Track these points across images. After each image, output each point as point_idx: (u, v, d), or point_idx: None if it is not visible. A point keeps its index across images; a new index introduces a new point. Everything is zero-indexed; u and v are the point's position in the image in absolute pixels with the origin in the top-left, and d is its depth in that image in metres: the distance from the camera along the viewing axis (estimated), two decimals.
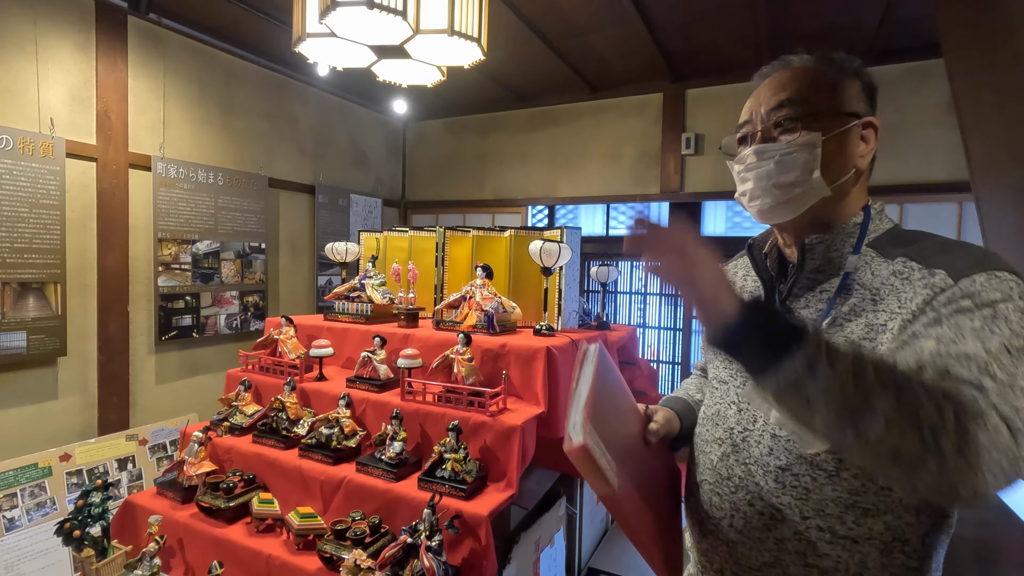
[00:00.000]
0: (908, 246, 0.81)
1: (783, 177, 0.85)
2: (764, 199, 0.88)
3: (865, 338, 0.77)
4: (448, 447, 1.56)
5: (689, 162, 3.96)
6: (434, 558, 1.32)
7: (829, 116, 0.84)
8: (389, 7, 1.59)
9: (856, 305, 0.80)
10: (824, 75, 0.87)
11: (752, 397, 0.71)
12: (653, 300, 4.61)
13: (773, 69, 0.91)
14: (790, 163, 0.85)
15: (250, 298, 3.59)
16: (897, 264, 0.79)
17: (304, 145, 4.06)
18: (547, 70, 3.78)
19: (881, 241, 0.84)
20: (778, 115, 0.86)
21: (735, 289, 0.67)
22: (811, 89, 0.86)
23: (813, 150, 0.84)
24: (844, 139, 0.84)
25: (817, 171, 0.83)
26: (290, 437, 1.81)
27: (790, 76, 0.88)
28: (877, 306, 0.78)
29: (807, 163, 0.84)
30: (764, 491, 0.84)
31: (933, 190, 3.24)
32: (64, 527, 1.57)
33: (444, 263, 2.33)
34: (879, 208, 0.89)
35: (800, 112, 0.85)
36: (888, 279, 0.79)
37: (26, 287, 2.52)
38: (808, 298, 0.87)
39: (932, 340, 0.68)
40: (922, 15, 2.80)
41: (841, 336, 0.80)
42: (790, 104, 0.86)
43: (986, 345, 0.64)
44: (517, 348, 1.80)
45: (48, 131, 2.58)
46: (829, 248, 0.87)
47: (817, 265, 0.88)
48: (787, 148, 0.85)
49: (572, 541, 2.37)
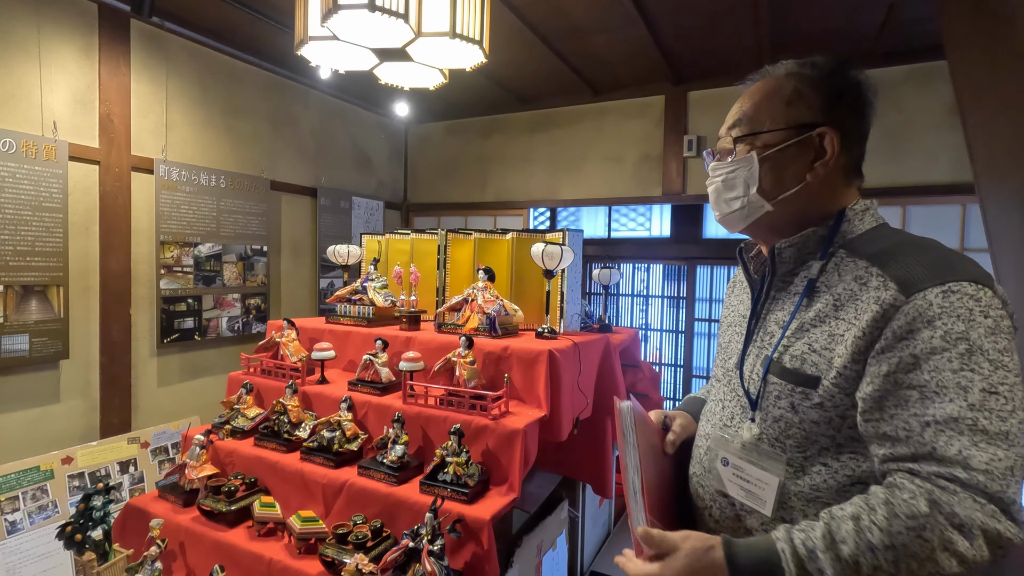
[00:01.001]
0: (877, 246, 0.83)
1: (728, 194, 0.93)
2: (716, 211, 0.97)
3: (827, 348, 0.80)
4: (450, 450, 1.55)
5: (691, 164, 3.96)
6: (436, 562, 1.32)
7: (771, 133, 0.88)
8: (391, 10, 1.59)
9: (820, 311, 0.83)
10: (782, 88, 0.89)
11: None
12: (655, 302, 4.60)
13: (754, 79, 0.95)
14: (731, 181, 0.92)
15: (252, 301, 3.59)
16: (860, 268, 0.81)
17: (306, 148, 4.07)
18: (549, 72, 3.79)
19: (856, 242, 0.85)
20: (731, 133, 0.92)
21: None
22: (761, 105, 0.90)
23: (750, 168, 0.89)
24: (787, 154, 0.87)
25: (754, 187, 0.89)
26: (292, 440, 1.81)
27: (753, 90, 0.92)
28: (838, 312, 0.81)
29: (745, 180, 0.90)
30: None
31: (936, 192, 3.23)
32: (65, 530, 1.56)
33: (446, 266, 2.33)
34: (861, 208, 0.89)
35: (746, 131, 0.90)
36: (850, 284, 0.81)
37: (29, 290, 2.52)
38: (783, 300, 0.91)
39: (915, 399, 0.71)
40: (925, 17, 2.80)
41: (805, 344, 0.83)
42: (739, 124, 0.91)
43: (969, 398, 0.68)
44: (519, 351, 1.80)
45: (51, 134, 2.59)
46: (800, 251, 0.90)
47: (789, 268, 0.91)
48: (729, 167, 0.92)
49: (574, 544, 2.36)
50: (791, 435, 0.83)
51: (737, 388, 0.94)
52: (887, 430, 0.73)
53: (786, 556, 0.70)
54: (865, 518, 0.69)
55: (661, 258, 4.48)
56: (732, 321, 1.06)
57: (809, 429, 0.82)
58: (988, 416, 0.67)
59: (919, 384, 0.71)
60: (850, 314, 0.78)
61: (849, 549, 0.68)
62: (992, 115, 1.90)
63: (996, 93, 1.85)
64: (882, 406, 0.74)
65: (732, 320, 1.06)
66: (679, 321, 4.44)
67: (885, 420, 0.74)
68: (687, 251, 4.30)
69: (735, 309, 1.07)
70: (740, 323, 1.01)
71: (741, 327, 1.00)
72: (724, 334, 1.08)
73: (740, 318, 1.03)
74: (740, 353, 0.96)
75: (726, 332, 1.08)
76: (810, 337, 0.83)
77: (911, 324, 0.72)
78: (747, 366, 0.93)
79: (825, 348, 0.80)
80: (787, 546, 0.71)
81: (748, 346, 0.95)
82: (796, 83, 0.88)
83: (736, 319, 1.04)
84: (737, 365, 0.96)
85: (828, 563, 0.68)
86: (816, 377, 0.80)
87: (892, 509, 0.68)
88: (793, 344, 0.85)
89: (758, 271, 0.98)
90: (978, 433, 0.67)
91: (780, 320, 0.89)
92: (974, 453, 0.67)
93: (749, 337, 0.95)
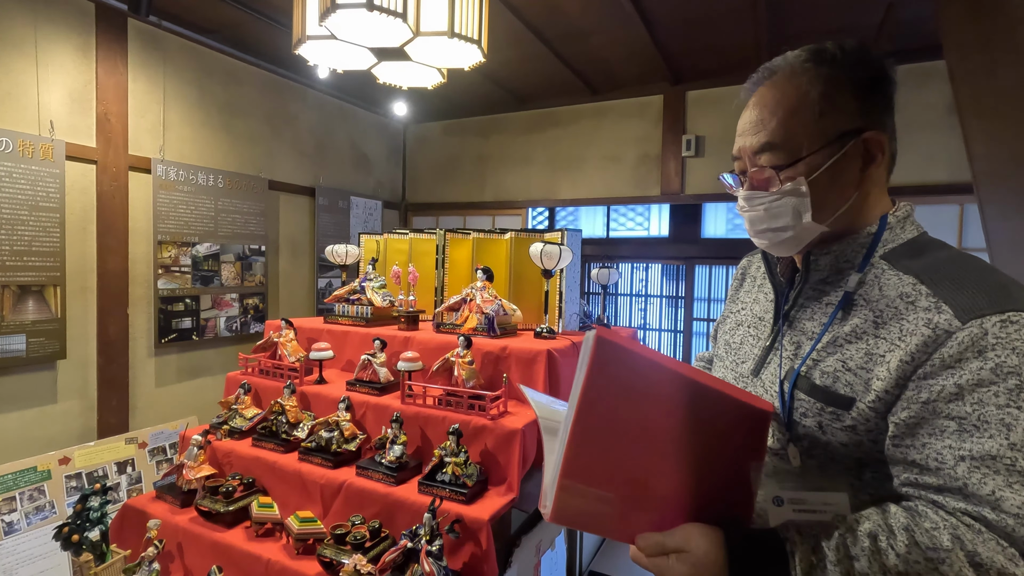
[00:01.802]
0: (923, 261, 0.76)
1: (773, 223, 0.82)
2: (760, 240, 0.86)
3: (863, 367, 0.74)
4: (448, 451, 1.55)
5: (690, 164, 3.96)
6: (435, 563, 1.31)
7: (813, 151, 0.78)
8: (389, 9, 1.59)
9: (858, 327, 0.77)
10: (806, 97, 0.78)
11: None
12: (654, 302, 4.60)
13: (759, 79, 0.85)
14: (778, 210, 0.81)
15: (250, 301, 3.58)
16: (906, 284, 0.74)
17: (304, 147, 4.06)
18: (547, 72, 3.78)
19: (897, 252, 0.79)
20: (761, 159, 0.81)
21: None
22: (789, 124, 0.78)
23: (799, 195, 0.79)
24: (836, 170, 0.78)
25: (807, 215, 0.79)
26: (290, 440, 1.80)
27: (771, 101, 0.81)
28: (879, 330, 0.74)
29: (795, 208, 0.80)
30: None
31: (934, 192, 3.24)
32: (63, 531, 1.56)
33: (444, 265, 2.33)
34: (902, 215, 0.82)
35: (782, 158, 0.79)
36: (894, 301, 0.75)
37: (26, 290, 2.51)
38: (814, 309, 0.84)
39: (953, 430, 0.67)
40: (923, 16, 2.80)
41: (839, 360, 0.77)
42: (771, 149, 0.79)
43: (1011, 436, 0.63)
44: (518, 351, 1.79)
45: (48, 134, 2.58)
46: (838, 259, 0.83)
47: (824, 276, 0.84)
48: (772, 196, 0.81)
49: (573, 545, 2.36)
50: (814, 455, 0.79)
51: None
52: (916, 458, 0.69)
53: (795, 560, 0.67)
54: (883, 540, 0.65)
55: (660, 258, 4.48)
56: (745, 321, 0.98)
57: (835, 450, 0.77)
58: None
59: (959, 415, 0.67)
60: (894, 334, 0.72)
61: (861, 567, 0.65)
62: (990, 115, 1.90)
63: (994, 93, 1.85)
64: (915, 433, 0.70)
65: (745, 320, 0.98)
66: (678, 321, 4.45)
67: (916, 448, 0.69)
68: (686, 251, 4.31)
69: (748, 307, 1.00)
70: (757, 325, 0.94)
71: (758, 329, 0.93)
72: (734, 332, 1.00)
73: (756, 319, 0.95)
74: (758, 359, 0.90)
75: (736, 331, 0.99)
76: (844, 353, 0.77)
77: (962, 353, 0.67)
78: (767, 375, 0.86)
79: (861, 368, 0.74)
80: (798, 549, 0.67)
81: (769, 353, 0.88)
82: (822, 87, 0.78)
83: (751, 319, 0.97)
84: (753, 371, 0.89)
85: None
86: (850, 398, 0.74)
87: (913, 537, 0.64)
88: (824, 359, 0.78)
89: (784, 273, 0.91)
90: (1015, 474, 0.63)
91: (810, 331, 0.82)
92: (1007, 495, 0.63)
93: (771, 344, 0.88)
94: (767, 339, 0.91)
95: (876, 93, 0.79)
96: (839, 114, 0.78)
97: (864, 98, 0.78)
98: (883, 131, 0.79)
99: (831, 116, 0.77)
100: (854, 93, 0.78)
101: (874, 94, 0.79)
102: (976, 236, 3.09)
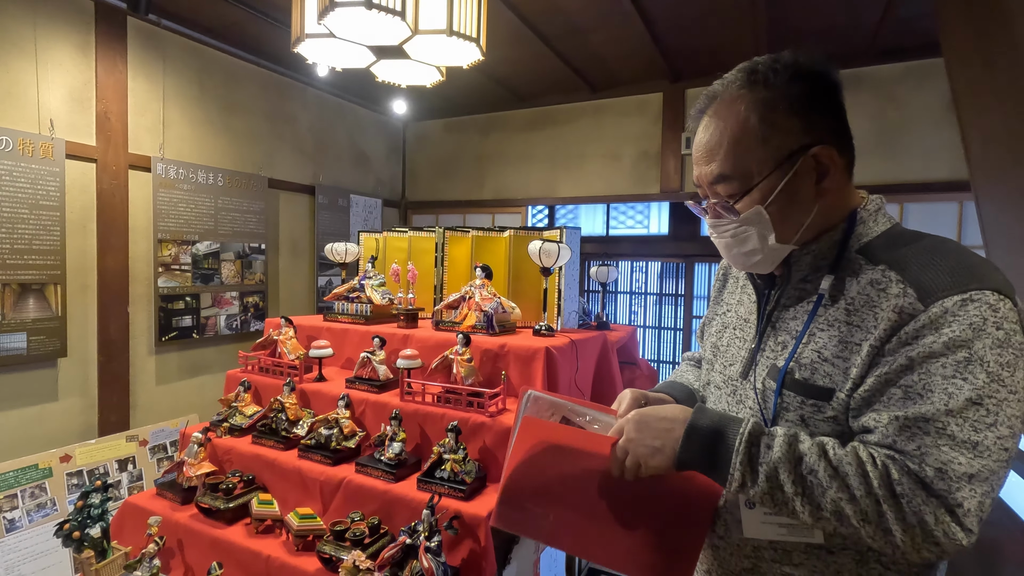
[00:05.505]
0: (896, 251, 0.77)
1: (742, 248, 0.84)
2: (735, 263, 0.90)
3: (839, 356, 0.76)
4: (447, 448, 1.56)
5: (689, 162, 3.96)
6: (433, 559, 1.32)
7: (764, 176, 0.78)
8: (387, 7, 1.59)
9: (831, 316, 0.79)
10: (746, 125, 0.78)
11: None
12: (653, 300, 4.61)
13: (703, 107, 0.85)
14: (743, 236, 0.83)
15: (250, 299, 3.59)
16: (877, 272, 0.76)
17: (304, 146, 4.06)
18: (546, 70, 3.78)
19: (872, 246, 0.80)
20: (717, 189, 0.83)
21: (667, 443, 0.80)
22: (736, 154, 0.79)
23: (760, 220, 0.80)
24: (791, 189, 0.78)
25: (771, 236, 0.81)
26: (289, 438, 1.81)
27: (716, 131, 0.81)
28: (851, 317, 0.76)
29: (760, 232, 0.81)
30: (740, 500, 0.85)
31: (933, 189, 3.23)
32: (64, 528, 1.57)
33: (443, 263, 2.33)
34: (873, 208, 0.83)
35: (736, 187, 0.80)
36: (864, 287, 0.76)
37: (26, 288, 2.52)
38: (796, 309, 0.85)
39: (899, 398, 0.70)
40: (922, 14, 2.80)
41: (813, 351, 0.79)
42: (724, 180, 0.81)
43: (950, 404, 0.66)
44: (516, 348, 1.80)
45: (48, 132, 2.59)
46: (816, 258, 0.83)
47: (804, 275, 0.85)
48: (735, 224, 0.83)
49: None
50: None
51: (745, 401, 0.88)
52: (863, 422, 0.72)
53: (746, 426, 0.76)
54: (829, 444, 0.72)
55: (659, 255, 4.49)
56: (731, 323, 0.99)
57: None
58: (961, 424, 0.65)
59: (907, 384, 0.69)
60: (868, 322, 0.74)
61: (804, 448, 0.72)
62: (988, 112, 1.90)
63: (992, 90, 1.85)
64: (869, 404, 0.73)
65: (731, 322, 0.99)
66: (677, 318, 4.45)
67: (865, 416, 0.72)
68: (685, 248, 4.31)
69: (732, 309, 1.00)
70: (742, 327, 0.95)
71: (744, 331, 0.94)
72: (720, 335, 1.00)
73: (741, 321, 0.96)
74: (745, 361, 0.90)
75: (723, 334, 0.99)
76: (818, 343, 0.78)
77: (919, 331, 0.69)
78: (754, 376, 0.88)
79: (837, 357, 0.76)
80: (749, 425, 0.76)
81: (756, 355, 0.88)
82: (760, 111, 0.77)
83: (736, 322, 0.97)
84: (741, 374, 0.90)
85: (779, 445, 0.73)
86: (830, 389, 0.76)
87: (855, 451, 0.70)
88: (801, 352, 0.80)
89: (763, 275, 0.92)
90: (944, 437, 0.65)
91: (792, 330, 0.83)
92: (932, 452, 0.65)
93: (757, 346, 0.89)
94: (752, 341, 0.91)
95: (817, 105, 0.78)
96: (783, 135, 0.77)
97: (805, 115, 0.77)
98: (831, 143, 0.78)
99: (775, 139, 0.77)
100: (794, 111, 0.77)
101: (814, 107, 0.78)
102: (975, 234, 3.09)
